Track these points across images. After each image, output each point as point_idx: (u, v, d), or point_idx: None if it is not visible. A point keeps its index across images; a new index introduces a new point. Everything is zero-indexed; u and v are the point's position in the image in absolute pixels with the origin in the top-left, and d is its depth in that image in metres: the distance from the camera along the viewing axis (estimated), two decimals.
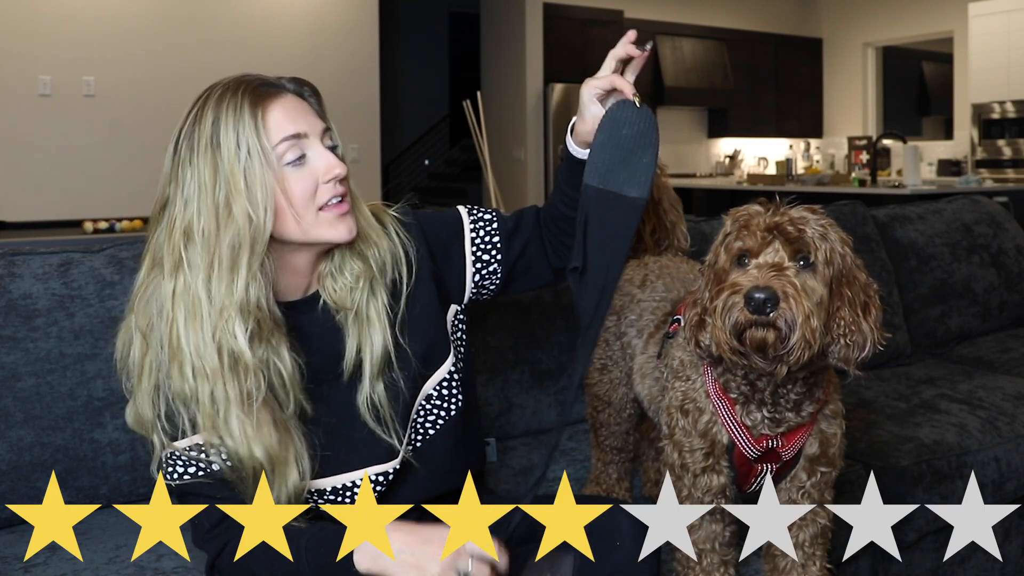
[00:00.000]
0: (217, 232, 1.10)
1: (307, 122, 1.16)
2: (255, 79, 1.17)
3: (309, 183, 1.14)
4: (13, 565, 1.38)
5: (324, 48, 6.72)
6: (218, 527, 1.16)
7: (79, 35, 5.93)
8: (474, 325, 1.91)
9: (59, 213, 5.76)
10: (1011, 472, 2.01)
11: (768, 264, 1.09)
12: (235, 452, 1.12)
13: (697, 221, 2.36)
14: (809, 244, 1.10)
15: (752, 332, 1.07)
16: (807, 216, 1.12)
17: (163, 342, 1.12)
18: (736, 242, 1.13)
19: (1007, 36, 7.51)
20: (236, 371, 1.10)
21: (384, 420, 1.21)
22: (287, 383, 1.15)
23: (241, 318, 1.10)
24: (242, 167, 1.10)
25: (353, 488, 1.22)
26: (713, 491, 1.28)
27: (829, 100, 9.79)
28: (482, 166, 4.77)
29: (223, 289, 1.10)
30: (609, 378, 1.62)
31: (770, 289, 1.05)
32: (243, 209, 1.10)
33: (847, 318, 1.11)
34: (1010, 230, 2.95)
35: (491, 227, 1.34)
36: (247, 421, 1.11)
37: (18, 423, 1.50)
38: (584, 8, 8.03)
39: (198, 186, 1.11)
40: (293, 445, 1.14)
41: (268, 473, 1.12)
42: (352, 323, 1.21)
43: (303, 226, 1.15)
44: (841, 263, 1.12)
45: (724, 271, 1.14)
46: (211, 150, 1.11)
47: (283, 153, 1.13)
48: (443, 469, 1.30)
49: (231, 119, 1.11)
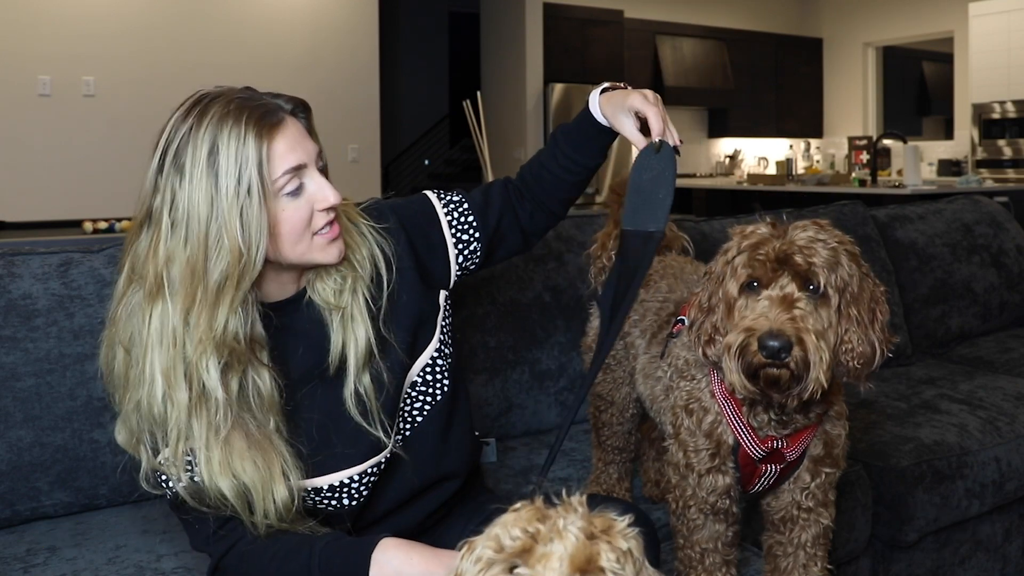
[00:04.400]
0: (205, 264, 1.07)
1: (305, 150, 1.15)
2: (257, 105, 1.11)
3: (305, 212, 1.14)
4: (13, 565, 1.38)
5: (324, 48, 6.71)
6: (222, 528, 1.15)
7: (79, 35, 5.93)
8: (474, 325, 1.91)
9: (59, 213, 5.75)
10: (1011, 472, 2.01)
11: (779, 298, 1.09)
12: (204, 483, 1.10)
13: (697, 221, 2.36)
14: (819, 274, 1.10)
15: (766, 372, 1.09)
16: (816, 243, 1.11)
17: (139, 368, 1.10)
18: (744, 268, 1.13)
19: (1007, 36, 7.51)
20: (203, 404, 1.09)
21: (371, 412, 1.21)
22: (265, 403, 1.13)
23: (216, 353, 1.08)
24: (240, 205, 1.07)
25: (349, 485, 1.22)
26: (718, 491, 1.28)
27: (829, 100, 9.78)
28: (482, 166, 4.77)
29: (203, 323, 1.07)
30: (612, 377, 1.62)
31: (784, 336, 1.06)
32: (235, 245, 1.07)
33: (853, 340, 1.12)
34: (1010, 230, 2.95)
35: (463, 207, 1.36)
36: (215, 451, 1.09)
37: (18, 423, 1.50)
38: (584, 8, 8.03)
39: (188, 213, 1.07)
40: (278, 458, 1.13)
41: (240, 506, 1.11)
42: (337, 320, 1.21)
43: (297, 251, 1.15)
44: (849, 283, 1.12)
45: (733, 298, 1.14)
46: (208, 179, 1.06)
47: (283, 185, 1.12)
48: (432, 457, 1.30)
49: (232, 149, 1.07)
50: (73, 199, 5.88)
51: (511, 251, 1.43)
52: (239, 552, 1.14)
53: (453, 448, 1.33)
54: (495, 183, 1.41)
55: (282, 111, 1.15)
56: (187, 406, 1.08)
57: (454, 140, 10.59)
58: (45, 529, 1.51)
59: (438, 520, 1.36)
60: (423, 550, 1.10)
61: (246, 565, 1.14)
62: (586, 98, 1.36)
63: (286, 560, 1.12)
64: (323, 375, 1.22)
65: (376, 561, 1.09)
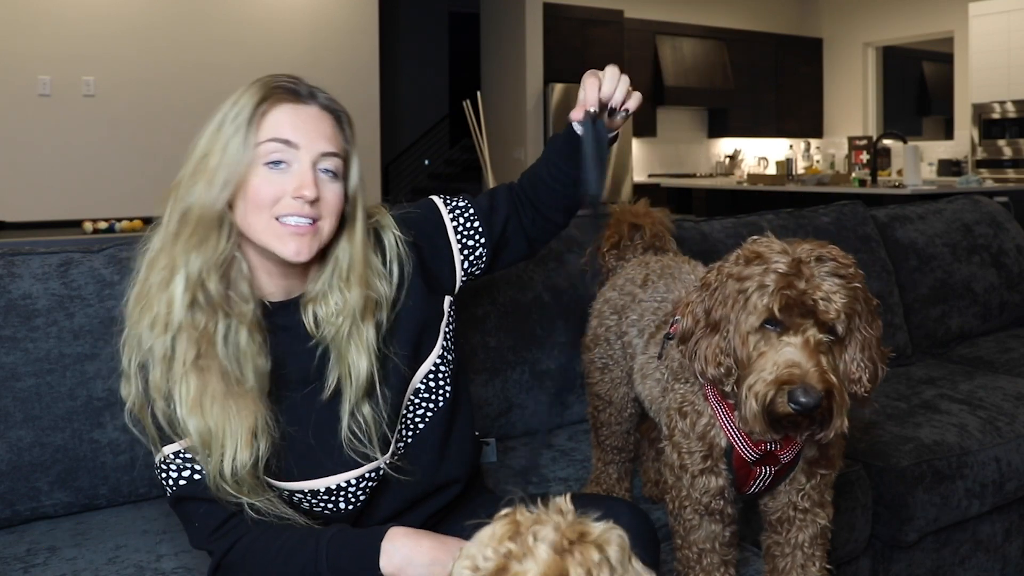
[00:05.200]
0: (186, 192, 1.14)
1: (308, 138, 1.16)
2: (290, 81, 1.20)
3: (274, 188, 1.14)
4: (13, 565, 1.38)
5: (324, 48, 6.72)
6: (224, 526, 1.15)
7: (79, 35, 5.93)
8: (474, 325, 1.91)
9: (59, 213, 5.76)
10: (1011, 472, 2.01)
11: (806, 348, 1.07)
12: (183, 418, 1.12)
13: (697, 221, 2.36)
14: (841, 322, 1.09)
15: (790, 418, 1.08)
16: (838, 290, 1.08)
17: (135, 292, 1.16)
18: (763, 299, 1.08)
19: (1007, 36, 7.51)
20: (176, 329, 1.12)
21: (368, 435, 1.20)
22: (242, 359, 1.15)
23: (185, 283, 1.12)
24: (224, 142, 1.14)
25: (346, 489, 1.22)
26: (711, 492, 1.28)
27: (829, 100, 9.79)
28: (482, 166, 4.77)
29: (177, 250, 1.13)
30: (610, 377, 1.62)
31: (816, 392, 1.05)
32: (206, 179, 1.13)
33: (860, 369, 1.12)
34: (1010, 230, 2.95)
35: (468, 212, 1.36)
36: (191, 385, 1.12)
37: (18, 423, 1.50)
38: (584, 8, 8.03)
39: (194, 148, 1.16)
40: (254, 417, 1.13)
41: (200, 448, 1.12)
42: (329, 345, 1.21)
43: (256, 225, 1.15)
44: (861, 322, 1.12)
45: (748, 332, 1.11)
46: (219, 122, 1.16)
47: (267, 152, 1.14)
48: (433, 464, 1.30)
49: (241, 100, 1.16)
50: (73, 199, 5.89)
51: (516, 257, 1.43)
52: (243, 548, 1.14)
53: (454, 454, 1.33)
54: (500, 188, 1.41)
55: (311, 100, 1.19)
56: (164, 326, 1.12)
57: (454, 140, 10.59)
58: (45, 529, 1.51)
59: (438, 520, 1.36)
60: (432, 537, 1.11)
61: (251, 561, 1.13)
62: None
63: (292, 553, 1.12)
64: (318, 389, 1.21)
65: (385, 551, 1.09)
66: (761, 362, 1.09)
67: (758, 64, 9.30)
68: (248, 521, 1.15)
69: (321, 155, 1.17)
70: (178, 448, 1.15)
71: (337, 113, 1.22)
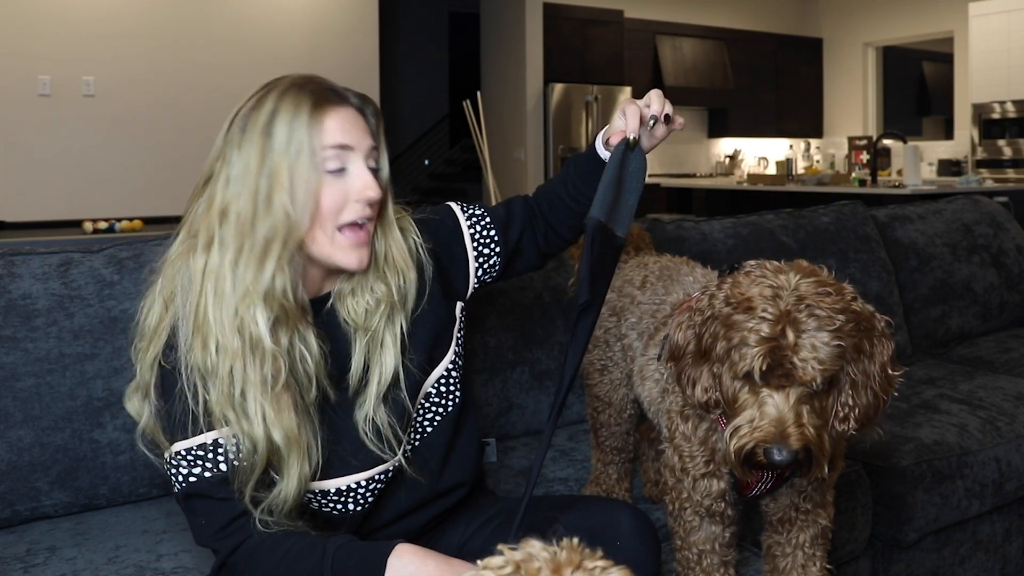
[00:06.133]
0: (253, 219, 1.11)
1: (357, 137, 1.16)
2: (323, 82, 1.18)
3: (340, 196, 1.14)
4: (13, 565, 1.38)
5: (324, 48, 6.72)
6: (231, 525, 1.14)
7: (79, 35, 5.93)
8: (474, 325, 1.91)
9: (59, 213, 5.76)
10: (1011, 472, 2.01)
11: (786, 405, 1.07)
12: (250, 434, 1.11)
13: (697, 221, 2.36)
14: (821, 378, 1.06)
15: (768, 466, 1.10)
16: (820, 346, 1.04)
17: (189, 314, 1.13)
18: (745, 358, 1.06)
19: (1007, 36, 7.51)
20: (255, 355, 1.11)
21: (383, 436, 1.21)
22: (312, 368, 1.15)
23: (264, 305, 1.10)
24: (289, 163, 1.11)
25: (355, 490, 1.22)
26: (713, 495, 1.28)
27: (829, 100, 9.79)
28: (482, 166, 4.77)
29: (249, 275, 1.11)
30: (609, 379, 1.62)
31: (791, 451, 1.05)
32: (283, 204, 1.10)
33: (844, 412, 1.11)
34: (1010, 230, 2.95)
35: (485, 220, 1.36)
36: (266, 403, 1.11)
37: (18, 423, 1.50)
38: (584, 8, 8.03)
39: (243, 169, 1.12)
40: (311, 432, 1.15)
41: (285, 456, 1.12)
42: (361, 341, 1.21)
43: (319, 240, 1.15)
44: (851, 363, 1.09)
45: (731, 379, 1.10)
46: (263, 137, 1.12)
47: (327, 160, 1.14)
48: (440, 467, 1.30)
49: (289, 113, 1.12)
50: (73, 199, 5.89)
51: (527, 267, 1.43)
52: (249, 549, 1.13)
53: (460, 458, 1.33)
54: (516, 199, 1.41)
55: (347, 100, 1.19)
56: (240, 354, 1.10)
57: (454, 140, 10.59)
58: (45, 529, 1.51)
59: (440, 521, 1.36)
60: (438, 558, 1.10)
61: (256, 563, 1.13)
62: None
63: (297, 559, 1.12)
64: (337, 384, 1.22)
65: (391, 566, 1.08)
66: (743, 413, 1.09)
67: (758, 64, 9.30)
68: (255, 522, 1.14)
69: (369, 151, 1.18)
70: (200, 442, 1.14)
71: (366, 109, 1.22)
